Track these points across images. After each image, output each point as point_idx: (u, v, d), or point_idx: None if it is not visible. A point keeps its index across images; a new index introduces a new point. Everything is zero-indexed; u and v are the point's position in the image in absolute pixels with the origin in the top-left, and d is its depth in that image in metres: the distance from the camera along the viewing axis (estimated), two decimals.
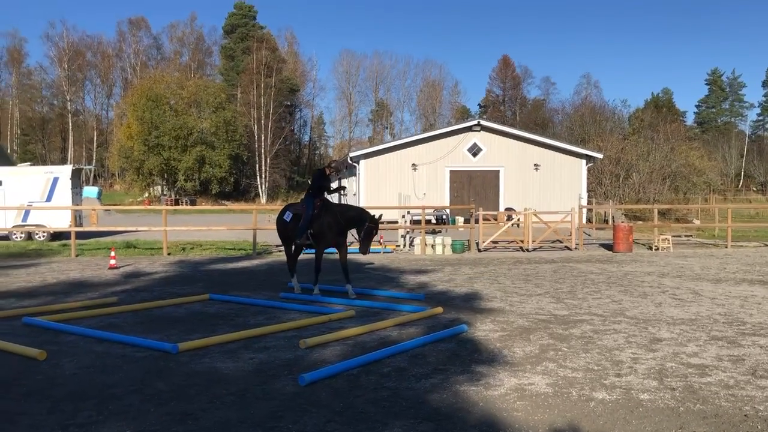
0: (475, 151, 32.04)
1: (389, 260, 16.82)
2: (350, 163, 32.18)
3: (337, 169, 11.53)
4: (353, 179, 33.41)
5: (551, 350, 6.85)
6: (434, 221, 27.70)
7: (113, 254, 15.14)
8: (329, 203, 10.93)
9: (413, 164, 31.52)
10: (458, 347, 6.98)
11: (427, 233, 20.04)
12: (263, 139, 69.69)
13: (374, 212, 11.16)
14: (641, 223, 29.64)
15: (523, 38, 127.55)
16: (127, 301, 10.15)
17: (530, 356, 6.60)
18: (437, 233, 22.15)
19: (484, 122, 33.43)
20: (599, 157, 34.41)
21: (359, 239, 10.56)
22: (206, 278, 13.12)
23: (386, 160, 31.69)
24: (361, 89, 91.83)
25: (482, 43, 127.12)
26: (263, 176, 69.70)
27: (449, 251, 18.78)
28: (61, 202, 22.63)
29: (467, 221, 25.09)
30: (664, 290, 11.34)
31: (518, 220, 22.19)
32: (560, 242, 20.68)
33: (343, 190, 12.08)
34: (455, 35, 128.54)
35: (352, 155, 32.44)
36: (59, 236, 22.70)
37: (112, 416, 4.81)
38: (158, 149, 58.50)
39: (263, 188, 69.27)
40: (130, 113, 61.67)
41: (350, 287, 10.47)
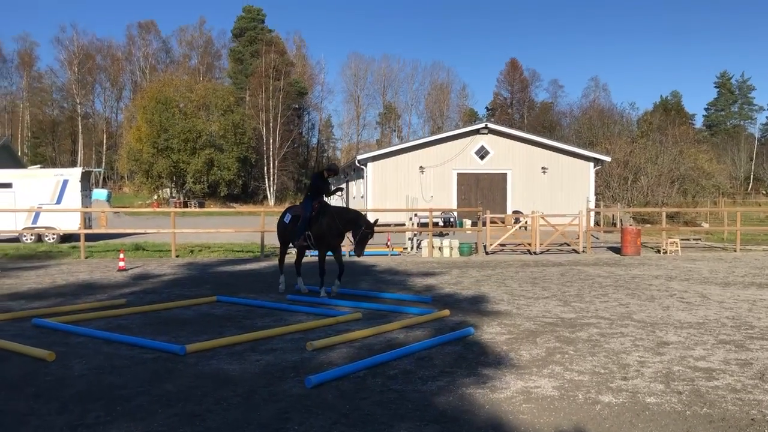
0: (482, 153, 32.03)
1: (396, 263, 16.84)
2: (358, 165, 32.25)
3: (334, 171, 11.67)
4: (361, 182, 33.47)
5: (558, 353, 6.85)
6: (441, 224, 27.70)
7: (122, 256, 15.22)
8: (327, 206, 11.04)
9: (421, 167, 31.54)
10: (465, 350, 6.99)
11: (434, 236, 20.04)
12: (271, 141, 69.93)
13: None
14: (649, 226, 29.54)
15: (531, 41, 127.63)
16: (135, 302, 10.21)
17: (537, 359, 6.60)
18: (444, 236, 22.14)
19: (491, 125, 33.43)
20: (607, 160, 34.34)
21: (354, 242, 10.68)
22: (214, 280, 13.17)
23: (394, 162, 31.73)
24: (369, 92, 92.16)
25: (490, 46, 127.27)
26: (271, 179, 69.91)
27: (456, 254, 18.78)
28: (70, 204, 22.78)
29: (474, 224, 25.10)
30: (671, 293, 11.31)
31: (526, 223, 22.16)
32: (568, 245, 20.64)
33: (340, 191, 12.19)
34: (463, 38, 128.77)
35: (359, 158, 32.51)
36: (69, 238, 22.85)
37: (120, 417, 4.84)
38: (167, 152, 58.80)
39: (271, 191, 69.49)
40: (139, 116, 62.04)
41: (337, 284, 10.71)
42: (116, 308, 9.57)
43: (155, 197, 62.64)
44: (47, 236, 22.68)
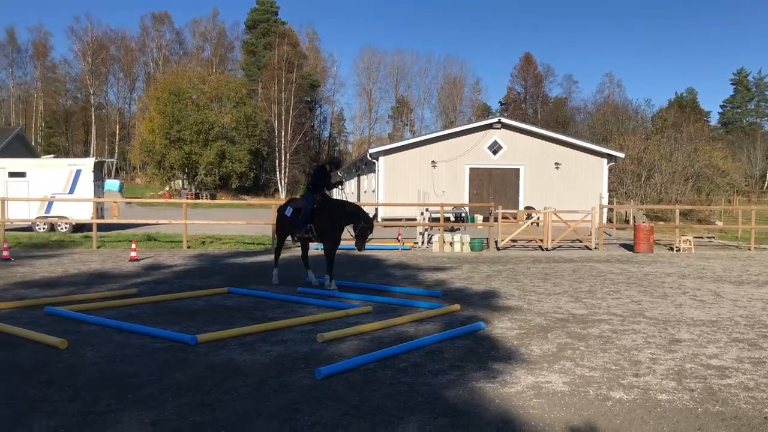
0: (495, 148, 31.91)
1: (407, 257, 16.83)
2: (369, 159, 32.21)
3: (337, 165, 11.76)
4: (372, 175, 33.44)
5: (569, 349, 6.82)
6: (453, 219, 27.66)
7: (134, 246, 15.31)
8: (329, 199, 11.15)
9: (433, 161, 31.46)
10: (475, 344, 6.97)
11: (445, 231, 20.01)
12: (283, 134, 70.00)
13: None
14: (662, 223, 29.35)
15: (545, 36, 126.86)
16: (147, 292, 10.26)
17: (547, 355, 6.58)
18: (455, 231, 22.10)
19: (504, 120, 33.25)
20: (621, 156, 34.11)
21: (354, 236, 10.75)
22: (225, 271, 13.22)
23: (406, 156, 31.65)
24: (381, 86, 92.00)
25: (504, 40, 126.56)
26: (283, 171, 70.03)
27: (467, 249, 18.74)
28: (83, 194, 22.92)
29: (486, 219, 25.02)
30: (684, 291, 11.23)
31: (538, 218, 22.08)
32: (580, 242, 20.55)
33: (340, 185, 12.27)
34: (477, 32, 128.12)
35: (371, 151, 32.46)
36: (81, 228, 22.99)
37: (131, 405, 4.87)
38: (179, 143, 58.99)
39: (282, 183, 69.61)
40: (152, 107, 62.25)
41: (333, 283, 10.70)
42: (128, 298, 9.63)
43: (167, 188, 62.90)
44: (60, 225, 22.84)
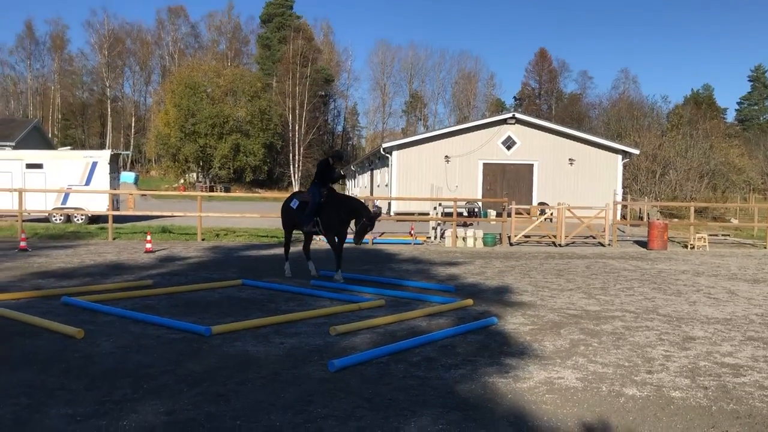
0: (509, 144, 31.81)
1: (420, 252, 16.83)
2: (383, 153, 32.22)
3: (340, 157, 11.89)
4: (385, 170, 33.43)
5: (582, 345, 6.81)
6: (466, 214, 27.60)
7: (149, 238, 15.42)
8: (334, 193, 11.32)
9: (446, 156, 31.41)
10: (488, 339, 6.98)
11: (458, 226, 19.99)
12: (297, 128, 70.16)
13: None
14: (677, 221, 29.14)
15: (560, 31, 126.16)
16: (162, 284, 10.35)
17: (560, 350, 6.57)
18: (468, 226, 22.07)
19: (519, 115, 33.14)
20: (635, 153, 33.91)
21: (354, 231, 10.91)
22: (239, 264, 13.30)
23: (419, 151, 31.63)
24: (395, 80, 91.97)
25: (519, 35, 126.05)
26: (296, 165, 70.21)
27: (480, 244, 18.71)
28: (99, 186, 23.12)
29: (499, 215, 24.95)
30: (698, 289, 11.16)
31: (551, 214, 21.99)
32: (593, 238, 20.46)
33: (342, 179, 12.44)
34: (492, 27, 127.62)
35: (385, 146, 32.47)
36: (97, 219, 23.20)
37: (146, 395, 4.92)
38: (194, 136, 59.29)
39: (296, 177, 69.80)
40: (167, 100, 62.61)
41: (339, 273, 10.87)
42: (143, 289, 9.71)
43: (181, 181, 63.26)
44: (76, 217, 23.04)
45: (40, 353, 6.03)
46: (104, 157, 23.83)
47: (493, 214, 29.17)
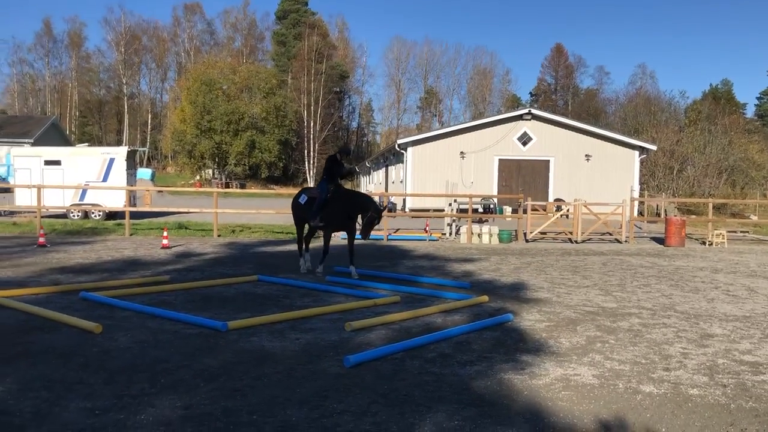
0: (525, 140, 31.66)
1: (435, 248, 16.81)
2: (398, 150, 32.19)
3: (347, 152, 11.98)
4: (400, 166, 33.41)
5: (598, 342, 6.77)
6: (481, 210, 27.53)
7: (166, 234, 15.52)
8: (342, 188, 11.39)
9: (461, 152, 31.32)
10: (503, 336, 6.96)
11: (473, 222, 19.93)
12: (312, 124, 70.27)
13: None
14: (695, 217, 28.87)
15: (577, 27, 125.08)
16: (178, 279, 10.42)
17: (576, 347, 6.54)
18: (484, 222, 22.00)
19: (535, 111, 32.97)
20: (653, 148, 33.60)
21: (362, 225, 11.01)
22: (255, 260, 13.35)
23: (434, 147, 31.56)
24: (410, 76, 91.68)
25: (535, 30, 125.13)
26: (311, 161, 70.32)
27: (496, 241, 18.65)
28: (116, 182, 23.29)
29: (515, 211, 24.88)
30: (716, 286, 11.06)
31: (567, 210, 21.87)
32: (610, 234, 20.32)
33: (352, 174, 12.53)
34: (508, 22, 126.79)
35: (400, 142, 32.44)
36: (114, 215, 23.39)
37: (164, 389, 4.96)
38: (210, 133, 59.52)
39: (311, 173, 69.90)
40: (183, 97, 62.88)
41: (354, 269, 10.94)
42: (160, 284, 9.79)
43: (197, 178, 63.59)
44: (93, 213, 23.25)
45: (59, 348, 6.10)
46: (121, 153, 24.01)
47: (508, 210, 29.08)
